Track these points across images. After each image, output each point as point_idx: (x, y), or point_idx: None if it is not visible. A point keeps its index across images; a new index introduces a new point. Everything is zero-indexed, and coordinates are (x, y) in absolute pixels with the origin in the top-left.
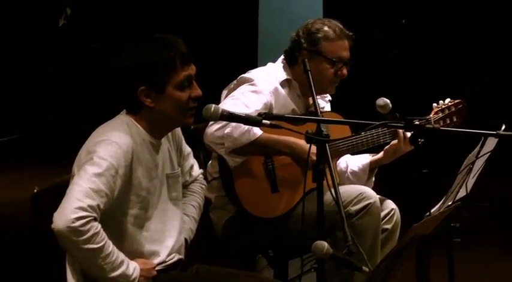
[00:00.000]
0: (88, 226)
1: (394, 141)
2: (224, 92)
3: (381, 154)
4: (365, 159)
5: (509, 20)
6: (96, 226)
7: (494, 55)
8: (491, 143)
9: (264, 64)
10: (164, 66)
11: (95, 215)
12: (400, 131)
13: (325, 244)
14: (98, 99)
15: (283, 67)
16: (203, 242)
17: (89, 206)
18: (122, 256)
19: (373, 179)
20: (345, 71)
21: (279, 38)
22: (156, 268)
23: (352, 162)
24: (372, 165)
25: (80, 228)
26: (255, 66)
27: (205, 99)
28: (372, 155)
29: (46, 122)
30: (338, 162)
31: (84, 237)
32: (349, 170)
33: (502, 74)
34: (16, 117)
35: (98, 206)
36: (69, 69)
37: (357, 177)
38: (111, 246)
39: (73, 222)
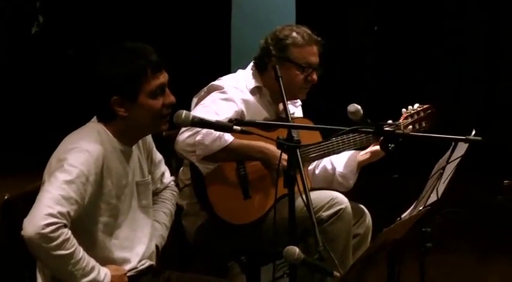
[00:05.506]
0: (58, 232)
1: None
2: (194, 100)
3: (367, 154)
4: (352, 159)
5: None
6: (66, 232)
7: (462, 60)
8: (461, 148)
9: (237, 70)
10: (135, 76)
11: (65, 221)
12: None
13: (296, 249)
14: (70, 107)
15: (253, 74)
16: (175, 248)
17: (59, 212)
18: (92, 262)
19: (357, 175)
20: (314, 76)
21: (252, 44)
22: (128, 274)
23: (339, 163)
24: (360, 164)
25: (50, 235)
26: (229, 72)
27: (179, 105)
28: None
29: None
30: (321, 164)
31: (54, 243)
32: (337, 172)
33: (471, 78)
34: None
35: (68, 213)
36: (42, 77)
37: (345, 179)
38: (81, 253)
39: (43, 229)
